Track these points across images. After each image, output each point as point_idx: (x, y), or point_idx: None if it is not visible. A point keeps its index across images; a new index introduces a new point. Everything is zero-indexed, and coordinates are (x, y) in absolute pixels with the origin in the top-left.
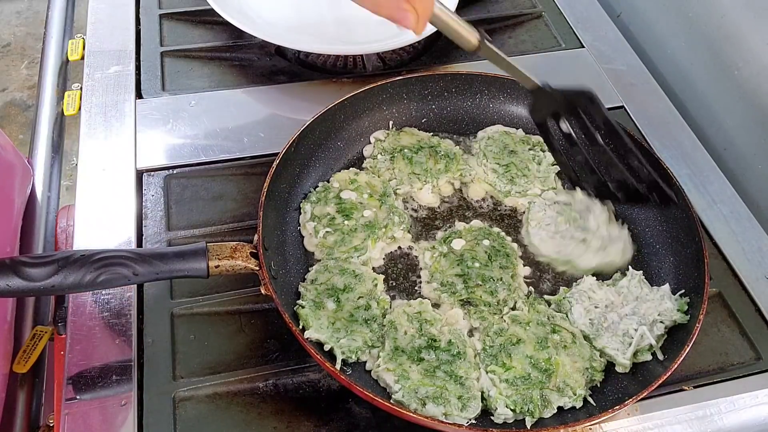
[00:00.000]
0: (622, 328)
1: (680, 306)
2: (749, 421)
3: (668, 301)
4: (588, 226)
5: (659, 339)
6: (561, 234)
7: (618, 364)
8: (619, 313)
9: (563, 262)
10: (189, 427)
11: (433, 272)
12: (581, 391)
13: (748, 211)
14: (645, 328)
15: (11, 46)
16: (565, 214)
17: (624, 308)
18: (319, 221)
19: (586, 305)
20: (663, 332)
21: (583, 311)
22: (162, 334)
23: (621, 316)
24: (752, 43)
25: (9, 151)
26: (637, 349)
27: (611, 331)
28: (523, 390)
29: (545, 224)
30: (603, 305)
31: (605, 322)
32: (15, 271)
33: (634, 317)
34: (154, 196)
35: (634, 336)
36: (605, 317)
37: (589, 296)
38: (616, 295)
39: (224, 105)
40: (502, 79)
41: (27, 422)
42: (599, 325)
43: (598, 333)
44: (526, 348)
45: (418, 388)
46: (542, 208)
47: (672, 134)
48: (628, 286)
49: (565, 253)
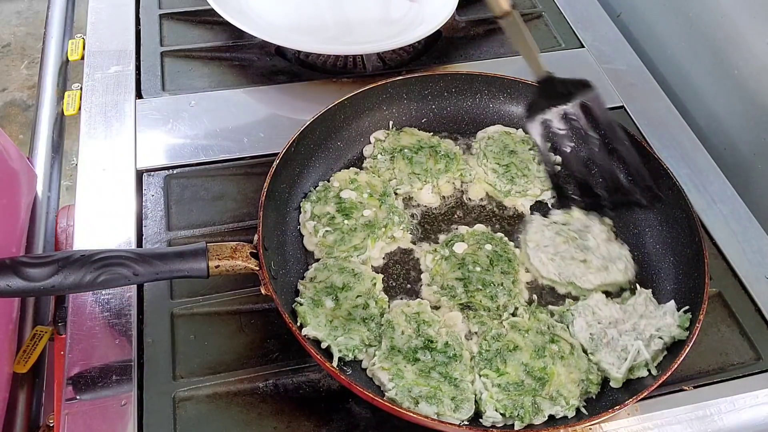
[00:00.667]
0: (621, 344)
1: (681, 322)
2: (749, 421)
3: (669, 317)
4: (587, 245)
5: (657, 355)
6: (561, 255)
7: (612, 379)
8: (620, 329)
9: (566, 285)
10: (189, 427)
11: (434, 275)
12: (574, 401)
13: (748, 211)
14: (641, 344)
15: (11, 46)
16: (564, 234)
17: (625, 325)
18: (319, 220)
19: (588, 320)
20: (662, 348)
21: (585, 325)
22: (162, 334)
23: (621, 333)
24: (752, 43)
25: (14, 156)
26: (633, 365)
27: (610, 347)
28: (514, 396)
29: (543, 246)
30: (606, 322)
31: (605, 338)
32: (15, 271)
33: (632, 333)
34: (154, 196)
35: (628, 352)
36: (605, 333)
37: (593, 311)
38: (621, 313)
39: (224, 105)
40: (502, 79)
41: (27, 422)
42: (599, 341)
43: (597, 348)
44: (523, 355)
45: (412, 388)
46: (539, 229)
47: (672, 134)
48: (634, 305)
49: (566, 275)
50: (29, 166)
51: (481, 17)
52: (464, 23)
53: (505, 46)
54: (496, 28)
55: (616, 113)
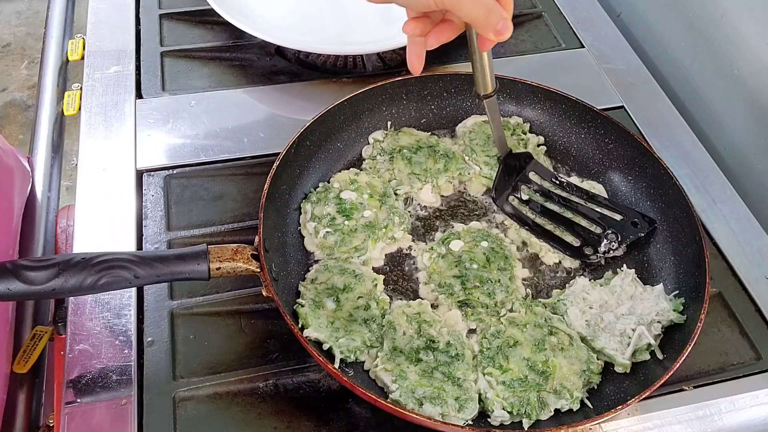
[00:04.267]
0: (619, 328)
1: (675, 306)
2: (749, 421)
3: (664, 301)
4: None
5: (656, 339)
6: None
7: (617, 365)
8: (616, 313)
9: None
10: (189, 427)
11: (431, 273)
12: (578, 393)
13: (748, 211)
14: (643, 328)
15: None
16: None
17: (620, 308)
18: (320, 221)
19: (581, 306)
20: (660, 332)
21: (579, 313)
22: (162, 334)
23: (617, 316)
24: (752, 43)
25: (8, 153)
26: (636, 349)
27: (608, 332)
28: (520, 392)
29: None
30: (597, 305)
31: (602, 323)
32: (16, 274)
33: (631, 317)
34: (154, 197)
35: (631, 336)
36: (601, 318)
37: (583, 297)
38: (609, 295)
39: (224, 105)
40: (502, 79)
41: (27, 422)
42: (596, 326)
43: (596, 334)
44: (523, 350)
45: (416, 389)
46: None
47: (672, 134)
48: (621, 285)
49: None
50: (24, 166)
51: None
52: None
53: (504, 46)
54: None
55: (616, 113)
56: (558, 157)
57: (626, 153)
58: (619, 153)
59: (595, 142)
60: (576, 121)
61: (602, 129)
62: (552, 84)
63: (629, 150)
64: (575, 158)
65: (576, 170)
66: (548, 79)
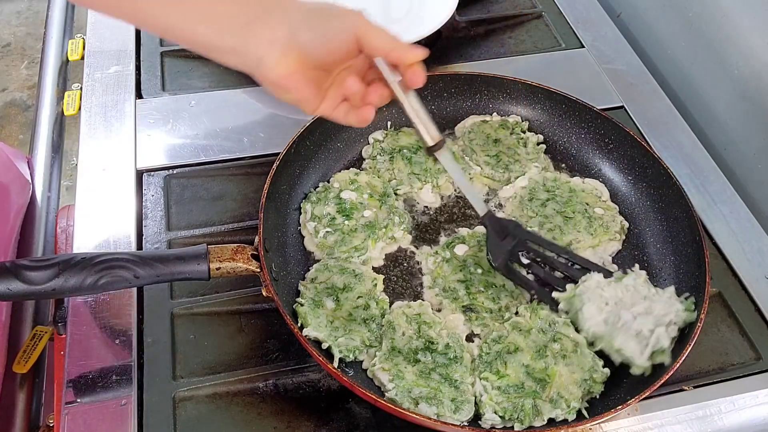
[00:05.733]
0: (636, 327)
1: (687, 306)
2: (749, 421)
3: (677, 303)
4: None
5: (672, 341)
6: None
7: (636, 366)
8: (633, 312)
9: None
10: (189, 427)
11: (435, 278)
12: (576, 403)
13: (748, 211)
14: (662, 329)
15: (11, 46)
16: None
17: (636, 307)
18: (320, 221)
19: (598, 303)
20: (676, 334)
21: (596, 310)
22: (162, 334)
23: (635, 315)
24: (752, 43)
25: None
26: (654, 351)
27: (625, 331)
28: (514, 398)
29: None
30: (613, 303)
31: (619, 321)
32: (16, 274)
33: (648, 317)
34: (154, 196)
35: (648, 336)
36: (618, 316)
37: (600, 294)
38: (624, 292)
39: (224, 105)
40: (502, 79)
41: (27, 422)
42: (613, 325)
43: (613, 333)
44: (523, 357)
45: (412, 389)
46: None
47: (672, 134)
48: (634, 285)
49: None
50: (21, 175)
51: (481, 17)
52: (464, 23)
53: (504, 46)
54: (496, 29)
55: (616, 113)
56: (558, 156)
57: (626, 153)
58: (619, 153)
59: (595, 142)
60: (576, 121)
61: (602, 129)
62: (552, 84)
63: (629, 150)
64: (575, 158)
65: (576, 170)
66: (548, 79)
